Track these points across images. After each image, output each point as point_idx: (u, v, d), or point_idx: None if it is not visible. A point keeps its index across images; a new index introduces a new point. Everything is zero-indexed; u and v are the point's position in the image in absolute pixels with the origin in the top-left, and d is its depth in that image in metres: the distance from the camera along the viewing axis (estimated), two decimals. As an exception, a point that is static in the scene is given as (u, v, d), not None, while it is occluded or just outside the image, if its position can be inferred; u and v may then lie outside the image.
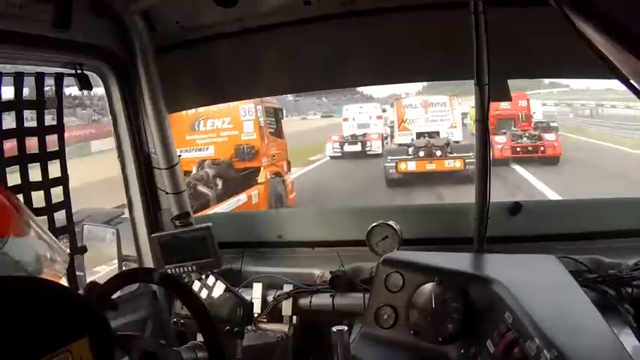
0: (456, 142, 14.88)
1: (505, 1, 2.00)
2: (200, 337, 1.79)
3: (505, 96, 2.21)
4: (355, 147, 18.48)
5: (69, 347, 0.93)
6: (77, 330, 0.96)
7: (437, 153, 13.80)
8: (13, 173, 1.94)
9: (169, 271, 2.21)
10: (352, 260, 2.32)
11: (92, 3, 2.06)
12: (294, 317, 2.31)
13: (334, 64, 2.38)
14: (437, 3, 2.11)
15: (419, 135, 15.45)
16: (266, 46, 2.37)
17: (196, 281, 2.21)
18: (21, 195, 1.90)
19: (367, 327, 1.99)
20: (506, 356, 1.50)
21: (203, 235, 2.22)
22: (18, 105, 1.93)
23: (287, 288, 2.34)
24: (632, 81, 1.00)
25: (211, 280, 2.19)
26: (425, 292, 1.89)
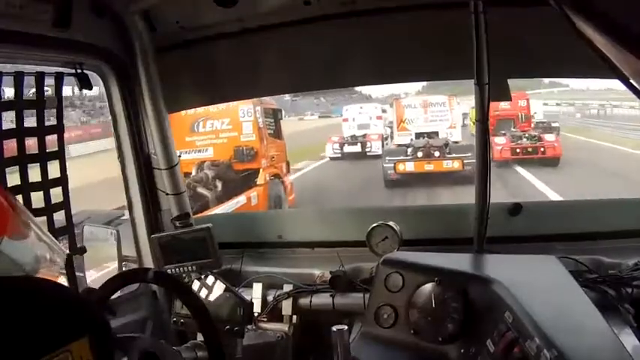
0: (455, 143, 14.82)
1: (505, 1, 2.00)
2: (200, 337, 1.79)
3: (505, 96, 2.21)
4: (355, 148, 18.40)
5: (69, 347, 0.93)
6: (77, 330, 0.96)
7: (435, 153, 13.77)
8: (12, 174, 1.94)
9: (169, 272, 2.21)
10: (352, 261, 2.32)
11: (92, 3, 2.06)
12: (294, 317, 2.31)
13: (334, 64, 2.38)
14: (437, 3, 2.11)
15: (418, 135, 15.40)
16: (266, 46, 2.37)
17: (196, 281, 2.21)
18: (20, 195, 1.90)
19: (367, 326, 1.99)
20: (506, 356, 1.50)
21: (203, 236, 2.22)
22: (18, 105, 1.92)
23: (287, 288, 2.34)
24: (632, 81, 1.00)
25: (211, 280, 2.19)
26: (425, 292, 1.89)
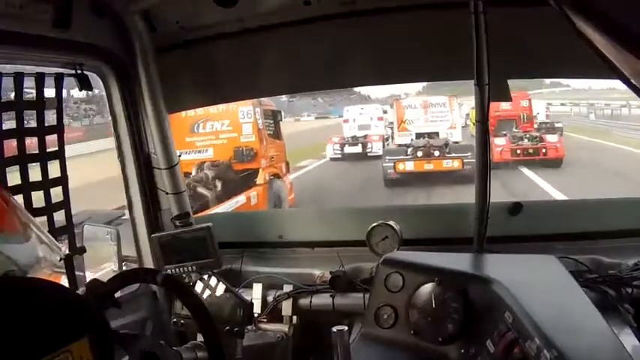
0: (455, 143, 14.84)
1: (505, 1, 2.00)
2: (200, 337, 1.79)
3: (505, 96, 2.21)
4: (356, 148, 18.33)
5: (69, 347, 0.93)
6: (77, 330, 0.96)
7: (435, 153, 13.79)
8: (12, 173, 1.94)
9: (169, 271, 2.21)
10: (352, 260, 2.32)
11: (92, 3, 2.06)
12: (294, 317, 2.31)
13: (334, 64, 2.38)
14: (437, 3, 2.11)
15: (418, 135, 15.39)
16: (266, 46, 2.37)
17: (199, 281, 2.21)
18: (21, 195, 1.89)
19: (367, 327, 1.99)
20: (506, 356, 1.50)
21: (203, 236, 2.22)
22: (18, 105, 1.92)
23: (287, 288, 2.34)
24: (632, 81, 1.00)
25: (211, 281, 2.19)
26: (425, 292, 1.89)
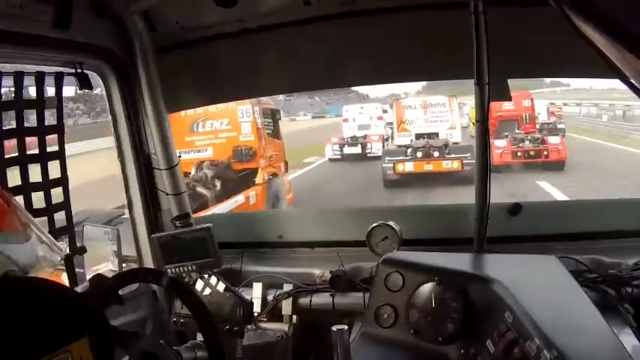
0: (455, 144, 14.80)
1: (505, 1, 2.00)
2: (200, 337, 1.79)
3: (505, 96, 2.21)
4: (355, 149, 18.11)
5: (69, 347, 0.93)
6: (77, 330, 0.96)
7: (435, 154, 13.74)
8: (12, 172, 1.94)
9: (169, 271, 2.21)
10: (352, 260, 2.32)
11: (92, 3, 2.06)
12: (294, 316, 2.31)
13: (334, 64, 2.38)
14: (437, 3, 2.11)
15: (418, 136, 15.34)
16: (266, 46, 2.37)
17: (199, 280, 2.21)
18: (21, 196, 1.89)
19: (367, 326, 1.99)
20: (506, 356, 1.50)
21: (203, 236, 2.22)
22: (18, 105, 1.92)
23: (287, 287, 2.34)
24: (632, 81, 1.00)
25: (211, 279, 2.19)
26: (425, 292, 1.89)
